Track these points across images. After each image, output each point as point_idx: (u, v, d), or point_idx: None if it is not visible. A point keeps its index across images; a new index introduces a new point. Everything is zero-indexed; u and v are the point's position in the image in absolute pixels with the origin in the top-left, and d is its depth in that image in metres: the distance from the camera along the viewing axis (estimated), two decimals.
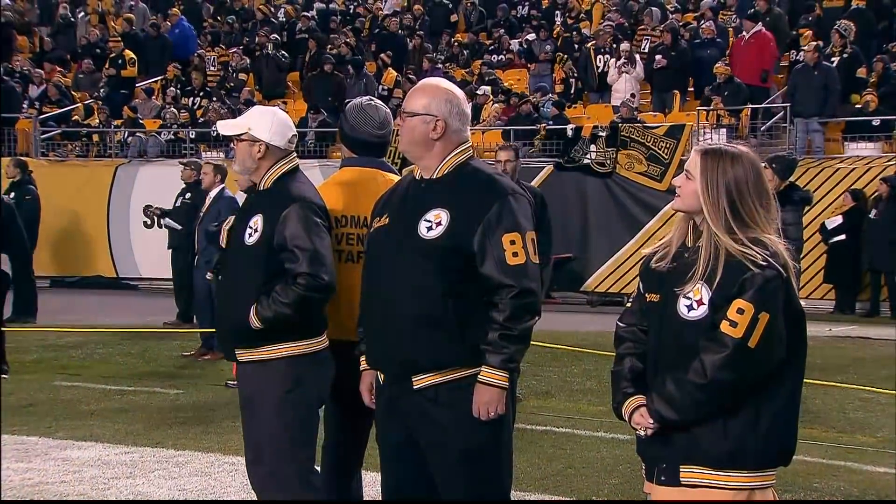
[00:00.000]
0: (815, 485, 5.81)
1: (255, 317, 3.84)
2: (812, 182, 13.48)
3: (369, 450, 4.25)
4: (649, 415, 3.04)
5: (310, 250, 3.81)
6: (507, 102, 17.13)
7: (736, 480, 3.00)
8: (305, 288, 3.80)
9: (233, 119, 4.16)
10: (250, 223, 3.94)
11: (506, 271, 3.35)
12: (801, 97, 14.86)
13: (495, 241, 3.36)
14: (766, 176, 7.89)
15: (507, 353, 3.37)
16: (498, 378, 3.37)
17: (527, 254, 3.38)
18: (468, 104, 3.64)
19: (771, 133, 15.35)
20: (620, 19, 18.82)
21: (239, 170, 4.10)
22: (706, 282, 2.99)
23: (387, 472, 3.62)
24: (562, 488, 5.76)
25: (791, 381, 3.06)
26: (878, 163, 13.91)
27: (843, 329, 12.15)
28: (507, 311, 3.35)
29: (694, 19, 18.42)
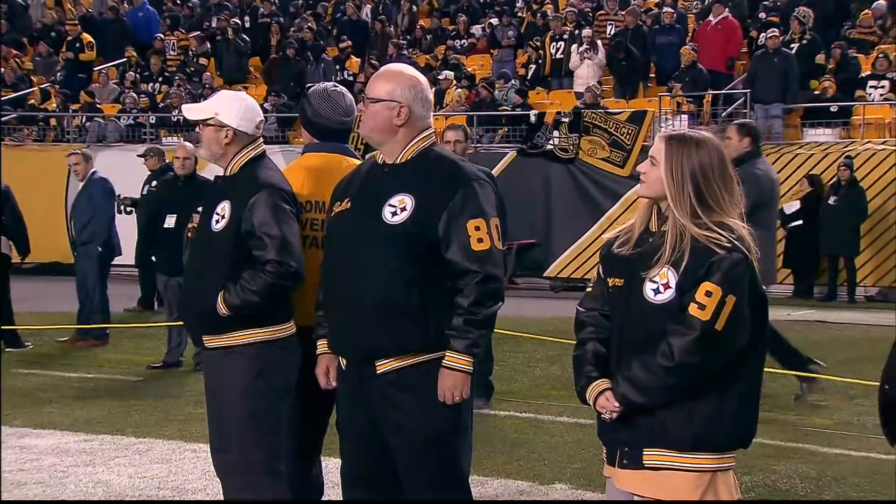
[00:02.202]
0: (773, 467, 5.88)
1: (222, 304, 3.82)
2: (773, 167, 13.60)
3: (329, 436, 4.26)
4: (614, 398, 3.06)
5: (278, 237, 3.79)
6: (470, 88, 17.13)
7: (700, 462, 3.04)
8: (273, 275, 3.78)
9: (198, 103, 4.09)
10: (217, 209, 3.91)
11: (470, 257, 3.36)
12: (761, 83, 15.01)
13: (460, 227, 3.37)
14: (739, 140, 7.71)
15: (472, 339, 3.38)
16: (463, 363, 3.39)
17: (491, 240, 3.39)
18: (431, 90, 3.64)
19: (732, 119, 15.47)
20: (582, 5, 18.86)
21: (205, 155, 4.05)
22: (672, 266, 3.01)
23: (348, 458, 3.62)
24: (524, 473, 5.78)
25: (754, 365, 3.10)
26: (835, 149, 14.08)
27: (802, 313, 12.30)
28: (471, 296, 3.36)
29: (655, 5, 18.50)
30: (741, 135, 7.45)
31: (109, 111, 18.66)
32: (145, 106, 18.39)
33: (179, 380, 8.50)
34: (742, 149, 7.35)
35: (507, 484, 5.55)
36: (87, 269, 10.15)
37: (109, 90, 19.43)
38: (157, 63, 19.63)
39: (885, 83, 14.83)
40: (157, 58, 19.73)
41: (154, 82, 19.40)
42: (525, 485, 5.57)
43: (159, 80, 19.36)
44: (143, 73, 19.73)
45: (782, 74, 14.90)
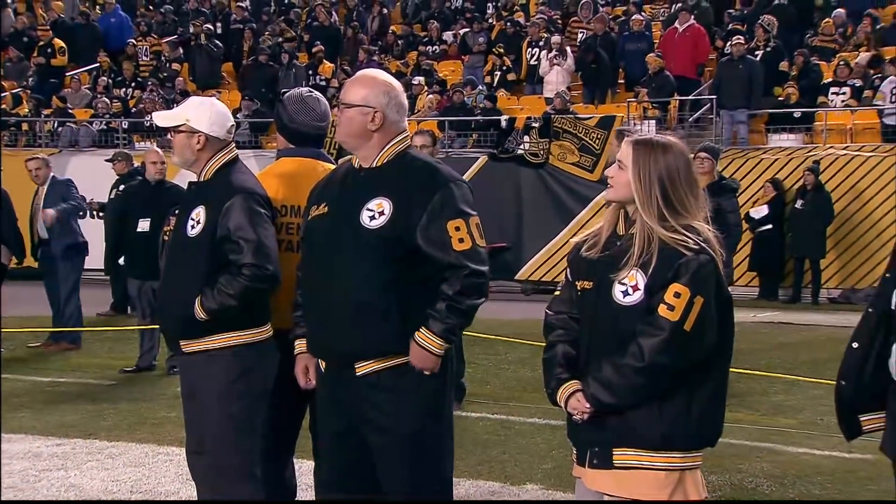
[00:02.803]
0: (739, 466, 5.92)
1: (199, 308, 3.80)
2: (737, 172, 13.74)
3: (302, 438, 4.25)
4: (585, 399, 3.06)
5: (254, 241, 3.78)
6: (441, 93, 17.16)
7: (669, 461, 3.05)
8: (250, 279, 3.76)
9: (169, 110, 4.07)
10: (192, 215, 3.89)
11: (454, 256, 3.38)
12: (726, 89, 15.13)
13: (440, 228, 3.37)
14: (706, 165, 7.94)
15: (450, 324, 3.38)
16: (435, 346, 3.38)
17: (472, 238, 3.40)
18: (405, 95, 3.64)
19: (698, 124, 15.61)
20: (552, 12, 18.93)
21: (178, 162, 4.02)
22: (641, 268, 3.03)
23: (327, 460, 3.61)
24: (496, 473, 5.79)
25: (720, 365, 3.12)
26: (799, 153, 14.22)
27: (767, 315, 12.41)
28: (457, 286, 3.38)
29: (622, 13, 18.60)
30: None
31: (82, 116, 18.50)
32: (118, 111, 18.26)
33: (152, 383, 8.43)
34: None
35: (478, 485, 5.56)
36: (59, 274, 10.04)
37: (82, 95, 19.27)
38: (129, 68, 19.49)
39: (845, 90, 14.99)
40: (130, 63, 19.60)
41: (127, 87, 19.27)
42: (497, 485, 5.58)
43: (132, 86, 19.24)
44: (115, 78, 19.59)
45: (747, 81, 15.03)
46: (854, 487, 5.51)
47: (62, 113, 18.37)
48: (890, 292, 2.90)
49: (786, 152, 14.35)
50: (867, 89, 14.87)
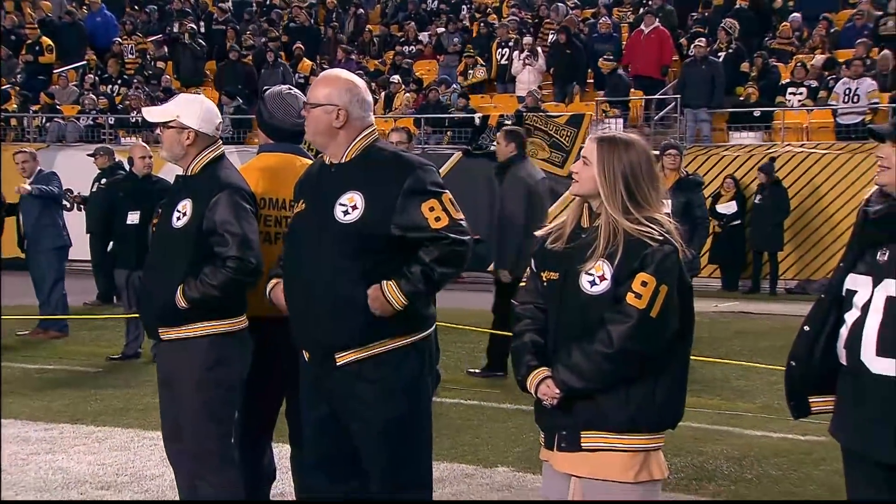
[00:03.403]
0: (701, 448, 5.96)
1: (181, 297, 3.78)
2: (701, 168, 13.80)
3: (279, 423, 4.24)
4: (555, 385, 3.07)
5: (239, 235, 3.77)
6: (418, 92, 17.14)
7: (635, 443, 3.07)
8: (234, 271, 3.75)
9: (158, 106, 4.04)
10: (178, 207, 3.88)
11: (434, 232, 3.36)
12: (690, 89, 15.21)
13: (415, 212, 3.35)
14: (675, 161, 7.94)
15: (418, 290, 3.35)
16: (397, 301, 3.34)
17: (448, 213, 3.38)
18: (369, 92, 3.62)
19: (663, 122, 15.68)
20: (523, 14, 18.95)
21: (167, 156, 3.99)
22: (607, 259, 3.05)
23: (309, 446, 3.60)
24: (469, 457, 5.81)
25: (682, 350, 3.15)
26: (758, 151, 14.31)
27: (728, 305, 12.50)
28: (435, 253, 3.36)
29: (591, 15, 18.64)
30: (507, 140, 7.93)
31: (69, 112, 18.35)
32: (104, 107, 18.13)
33: (138, 370, 8.38)
34: (509, 153, 7.92)
35: (453, 467, 5.57)
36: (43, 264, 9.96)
37: (69, 92, 19.12)
38: (115, 66, 19.36)
39: (802, 90, 15.10)
40: (116, 61, 19.47)
41: (113, 84, 19.14)
42: (470, 468, 5.59)
43: (118, 83, 19.11)
44: (102, 75, 19.44)
45: (709, 81, 15.11)
46: (808, 467, 5.57)
47: (50, 109, 18.21)
48: (842, 280, 2.93)
49: (746, 149, 14.44)
50: (822, 90, 14.99)
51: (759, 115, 15.00)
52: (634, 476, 3.08)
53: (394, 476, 3.42)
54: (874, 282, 2.83)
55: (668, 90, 16.07)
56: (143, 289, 4.09)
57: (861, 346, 2.81)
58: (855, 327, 2.83)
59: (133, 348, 8.94)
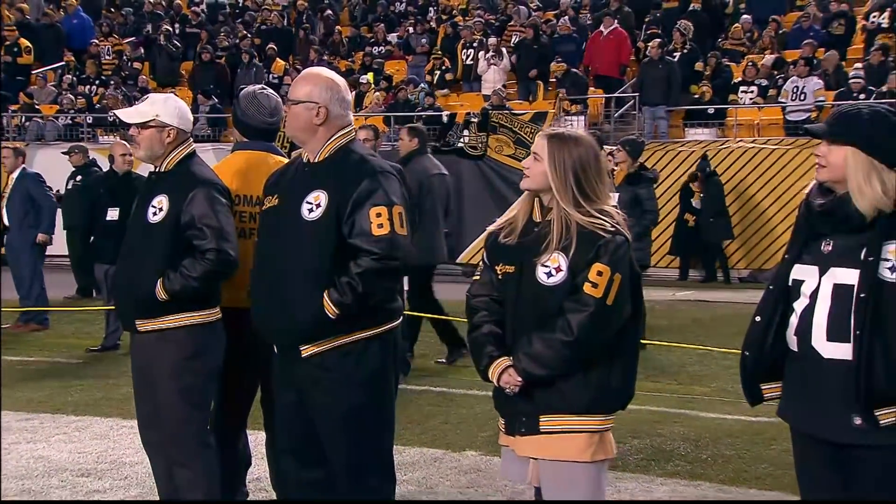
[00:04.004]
0: (658, 430, 6.00)
1: (161, 290, 3.76)
2: (659, 163, 13.88)
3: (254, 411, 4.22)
4: (517, 373, 3.08)
5: (217, 228, 3.76)
6: (387, 90, 17.09)
7: (592, 424, 3.10)
8: (213, 263, 3.74)
9: (131, 107, 3.98)
10: (153, 203, 3.84)
11: (370, 241, 3.30)
12: (647, 88, 15.29)
13: (363, 214, 3.31)
14: (620, 156, 8.09)
15: (344, 301, 3.28)
16: (328, 309, 3.29)
17: (392, 225, 3.32)
18: (349, 92, 3.60)
19: (622, 119, 15.75)
20: (488, 16, 18.95)
21: (146, 156, 3.93)
22: (562, 250, 3.06)
23: (280, 432, 3.58)
24: (438, 441, 5.81)
25: (634, 335, 3.18)
26: (712, 146, 14.42)
27: (684, 294, 12.59)
28: (361, 268, 3.28)
29: (554, 17, 18.67)
30: (410, 136, 8.00)
31: (48, 111, 18.13)
32: (83, 106, 17.94)
33: (117, 362, 8.30)
34: (411, 148, 8.00)
35: (422, 452, 5.57)
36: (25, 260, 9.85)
37: (48, 92, 18.89)
38: (92, 67, 19.15)
39: (753, 88, 15.22)
40: (93, 62, 19.26)
41: (91, 85, 18.93)
42: (439, 452, 5.59)
43: (95, 83, 18.91)
44: (79, 75, 19.22)
45: (666, 80, 15.19)
46: (760, 447, 5.63)
47: (29, 108, 17.98)
48: (788, 270, 2.96)
49: (701, 145, 14.54)
50: (772, 88, 15.12)
51: (712, 112, 15.11)
52: (591, 456, 3.10)
53: (355, 463, 3.41)
54: (821, 271, 2.85)
55: (627, 89, 16.15)
56: (119, 282, 4.05)
57: (812, 333, 2.84)
58: (805, 315, 2.86)
59: (112, 340, 8.87)
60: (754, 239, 14.02)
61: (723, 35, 17.11)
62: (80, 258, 11.84)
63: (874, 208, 2.80)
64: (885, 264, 2.77)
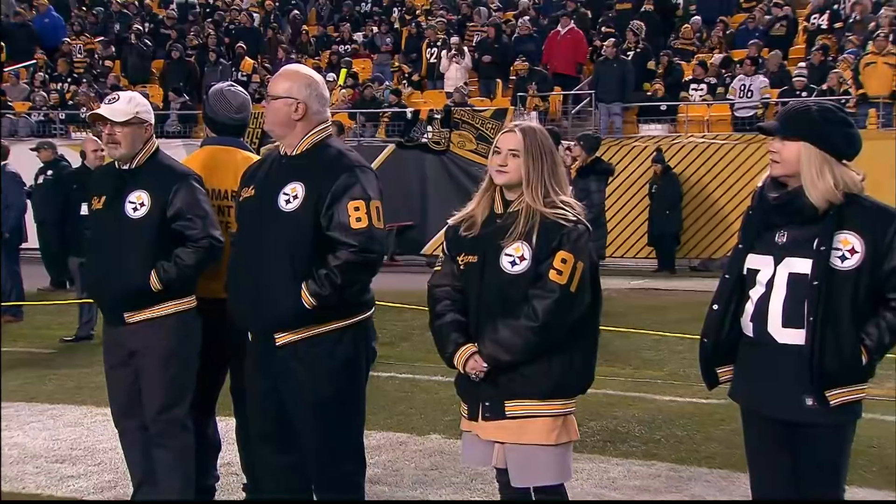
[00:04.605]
0: (614, 413, 6.03)
1: (156, 280, 3.73)
2: (614, 157, 13.95)
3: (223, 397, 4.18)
4: (483, 359, 3.07)
5: (206, 216, 3.77)
6: (354, 88, 17.01)
7: (555, 408, 3.10)
8: (207, 250, 3.74)
9: (113, 106, 3.86)
10: (131, 198, 3.79)
11: (349, 233, 3.26)
12: (603, 85, 15.34)
13: (341, 208, 3.28)
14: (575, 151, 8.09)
15: (322, 292, 3.24)
16: (306, 300, 3.26)
17: (370, 219, 3.29)
18: (327, 89, 3.56)
19: (579, 116, 15.81)
20: (450, 16, 18.92)
21: (125, 153, 3.85)
22: (525, 240, 3.05)
23: (253, 418, 3.54)
24: (404, 426, 5.80)
25: (594, 320, 3.18)
26: (665, 141, 14.52)
27: (639, 282, 12.67)
28: (339, 260, 3.24)
29: (513, 17, 18.67)
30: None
31: (21, 108, 17.82)
32: (56, 102, 17.68)
33: (91, 351, 8.17)
34: None
35: (388, 436, 5.55)
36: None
37: (20, 89, 18.59)
38: (64, 65, 18.87)
39: (703, 86, 15.33)
40: (64, 60, 18.98)
41: (63, 83, 18.65)
42: (404, 436, 5.58)
43: (68, 81, 18.64)
44: (51, 74, 18.93)
45: (621, 78, 15.26)
46: (710, 428, 5.67)
47: (2, 105, 17.66)
48: (742, 260, 2.98)
49: (654, 140, 14.63)
50: (720, 86, 15.24)
51: (665, 108, 15.21)
52: (556, 438, 3.11)
53: (327, 449, 3.38)
54: (776, 261, 2.88)
55: (584, 86, 16.19)
56: (100, 276, 3.92)
57: (767, 320, 2.87)
58: (760, 302, 2.88)
59: (86, 330, 8.76)
60: (705, 229, 14.14)
61: (674, 35, 17.21)
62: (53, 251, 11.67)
63: (826, 200, 2.83)
64: (836, 254, 2.81)
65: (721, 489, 4.59)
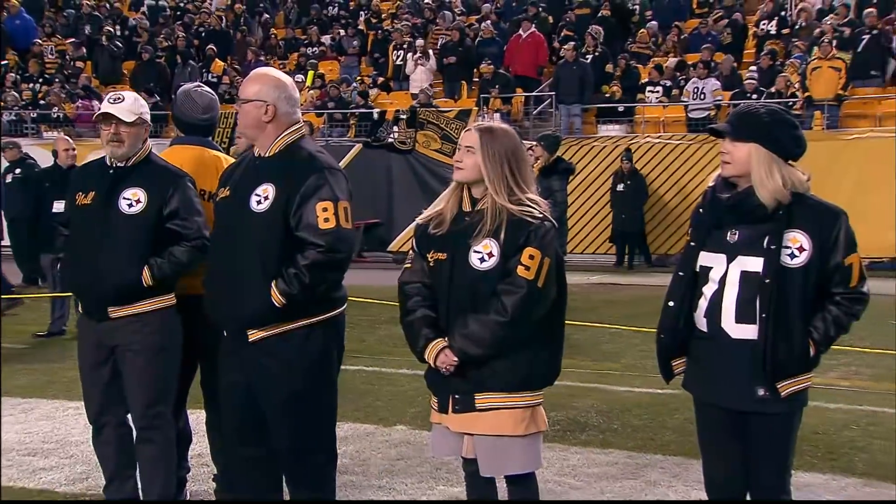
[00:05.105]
0: (574, 403, 6.06)
1: (149, 277, 3.70)
2: (574, 157, 14.00)
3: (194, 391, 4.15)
4: (453, 353, 3.07)
5: (201, 217, 3.76)
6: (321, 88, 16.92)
7: (524, 400, 3.11)
8: (201, 249, 3.72)
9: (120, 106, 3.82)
10: (125, 195, 3.76)
11: (317, 233, 3.24)
12: (563, 87, 15.41)
13: (310, 208, 3.25)
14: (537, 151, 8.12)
15: (290, 291, 3.21)
16: (276, 299, 3.23)
17: (338, 220, 3.26)
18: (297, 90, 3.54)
19: (540, 116, 15.86)
20: (416, 19, 18.89)
21: (128, 152, 3.81)
22: (493, 237, 3.06)
23: (224, 411, 3.52)
24: (371, 417, 5.78)
25: (559, 315, 3.19)
26: (623, 141, 14.63)
27: (598, 277, 12.75)
28: (307, 260, 3.22)
29: (476, 21, 18.68)
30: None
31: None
32: (28, 99, 17.42)
33: (63, 346, 8.07)
34: None
35: (356, 427, 5.54)
36: None
37: None
38: (35, 66, 18.57)
39: (658, 88, 15.46)
40: (36, 61, 18.68)
41: (34, 83, 18.36)
42: (371, 427, 5.57)
43: (39, 81, 18.35)
44: (23, 74, 18.62)
45: (580, 80, 15.34)
46: (664, 417, 5.73)
47: None
48: (694, 258, 3.00)
49: (612, 140, 14.74)
50: (675, 88, 15.38)
51: (622, 110, 15.32)
52: (524, 429, 3.12)
53: (299, 442, 3.37)
54: (728, 259, 2.91)
55: (545, 88, 16.25)
56: (87, 271, 3.81)
57: (721, 315, 2.89)
58: (714, 299, 2.91)
59: (58, 326, 8.65)
60: (661, 226, 14.27)
61: (630, 39, 17.32)
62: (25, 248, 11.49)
63: (775, 199, 2.86)
64: (786, 251, 2.85)
65: (675, 475, 4.64)
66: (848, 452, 4.99)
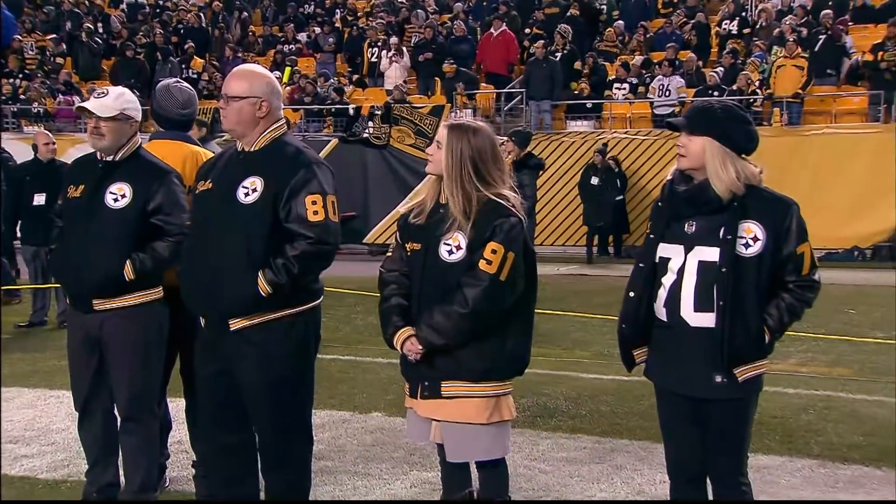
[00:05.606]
0: (543, 390, 6.09)
1: (131, 271, 3.66)
2: (544, 152, 14.05)
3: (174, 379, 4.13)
4: (419, 342, 3.08)
5: (185, 213, 3.71)
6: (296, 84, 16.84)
7: (487, 390, 3.12)
8: (182, 244, 3.65)
9: (103, 101, 3.77)
10: (111, 189, 3.72)
11: (306, 225, 3.24)
12: (533, 84, 15.44)
13: (299, 201, 3.24)
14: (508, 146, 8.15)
15: (278, 280, 3.20)
16: (262, 288, 3.22)
17: (326, 212, 3.26)
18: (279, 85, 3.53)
19: (511, 112, 15.88)
20: (390, 18, 18.84)
21: (110, 146, 3.77)
22: (462, 230, 3.07)
23: (203, 399, 3.50)
24: (347, 404, 5.78)
25: (528, 308, 3.20)
26: (591, 137, 14.69)
27: (567, 268, 12.81)
28: (297, 250, 3.22)
29: (449, 19, 18.66)
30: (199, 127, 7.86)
31: None
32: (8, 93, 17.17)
33: (44, 337, 8.00)
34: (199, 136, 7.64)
35: (332, 414, 5.53)
36: None
37: None
38: (14, 61, 18.30)
39: (625, 85, 15.54)
40: (15, 57, 18.40)
41: (14, 79, 18.09)
42: (347, 414, 5.57)
43: (19, 77, 18.08)
44: (2, 70, 18.34)
45: (549, 77, 15.38)
46: (630, 403, 5.77)
47: None
48: (654, 249, 3.03)
49: (581, 136, 14.79)
50: (641, 86, 15.46)
51: (590, 106, 15.38)
52: (488, 418, 3.12)
53: (278, 429, 3.36)
54: (686, 249, 2.93)
55: (515, 85, 16.27)
56: (71, 263, 3.78)
57: (680, 304, 2.92)
58: (673, 289, 2.93)
59: (39, 316, 8.57)
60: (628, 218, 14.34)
61: (598, 38, 17.39)
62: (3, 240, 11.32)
63: (729, 191, 2.90)
64: (741, 241, 2.88)
65: (641, 458, 4.68)
66: (804, 435, 5.06)
